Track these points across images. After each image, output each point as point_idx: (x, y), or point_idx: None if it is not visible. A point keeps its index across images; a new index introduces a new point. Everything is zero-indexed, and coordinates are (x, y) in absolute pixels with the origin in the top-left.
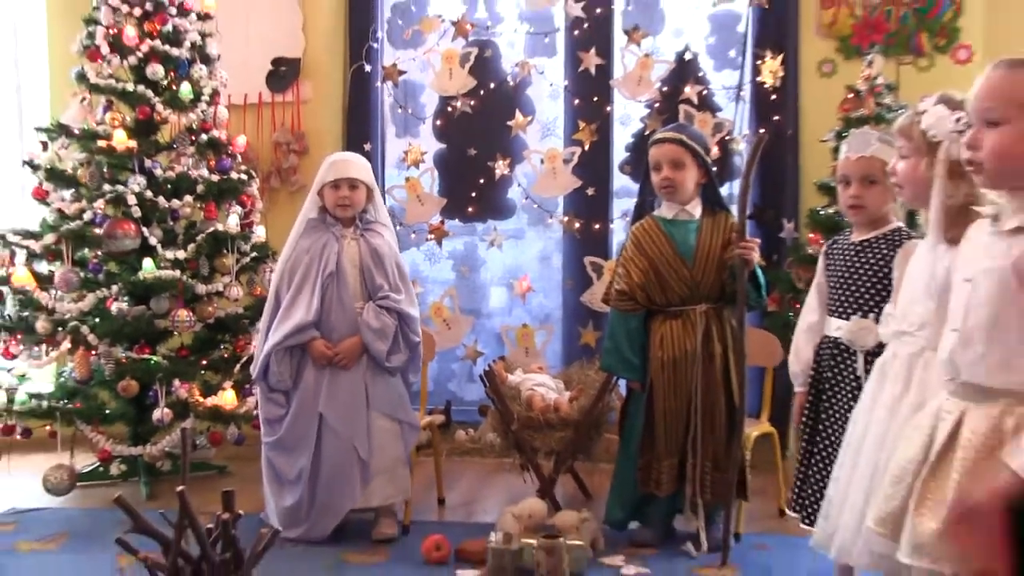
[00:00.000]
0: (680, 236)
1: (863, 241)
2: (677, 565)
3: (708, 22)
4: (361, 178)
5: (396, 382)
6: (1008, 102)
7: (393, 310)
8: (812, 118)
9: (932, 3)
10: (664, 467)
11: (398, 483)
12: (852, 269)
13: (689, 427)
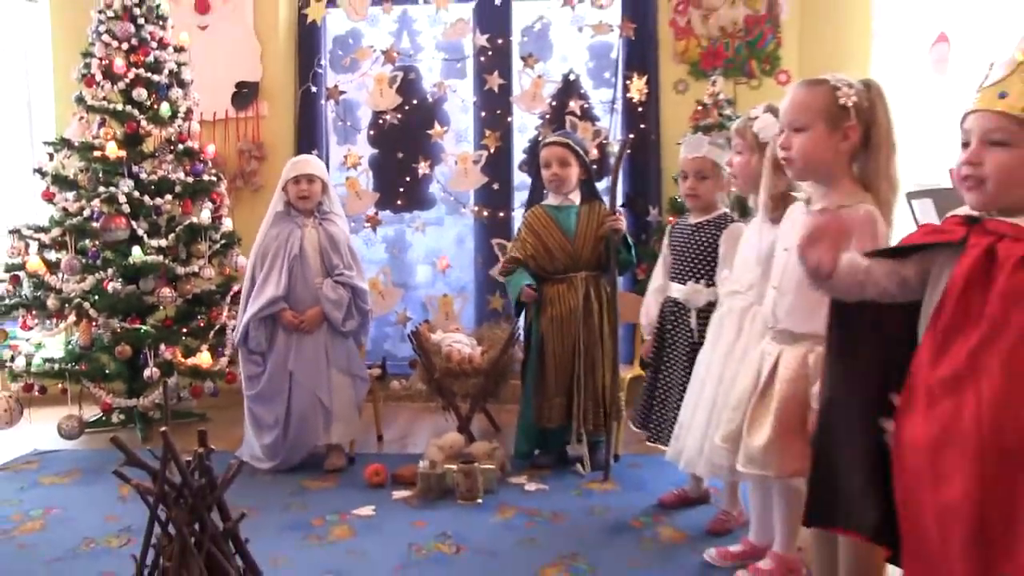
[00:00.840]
0: (564, 219)
1: (697, 223)
2: (569, 482)
3: (587, 50)
4: (317, 174)
5: (350, 343)
6: (807, 112)
7: (347, 284)
8: (670, 126)
9: (759, 37)
10: (555, 404)
11: (352, 425)
12: (688, 245)
13: (574, 371)
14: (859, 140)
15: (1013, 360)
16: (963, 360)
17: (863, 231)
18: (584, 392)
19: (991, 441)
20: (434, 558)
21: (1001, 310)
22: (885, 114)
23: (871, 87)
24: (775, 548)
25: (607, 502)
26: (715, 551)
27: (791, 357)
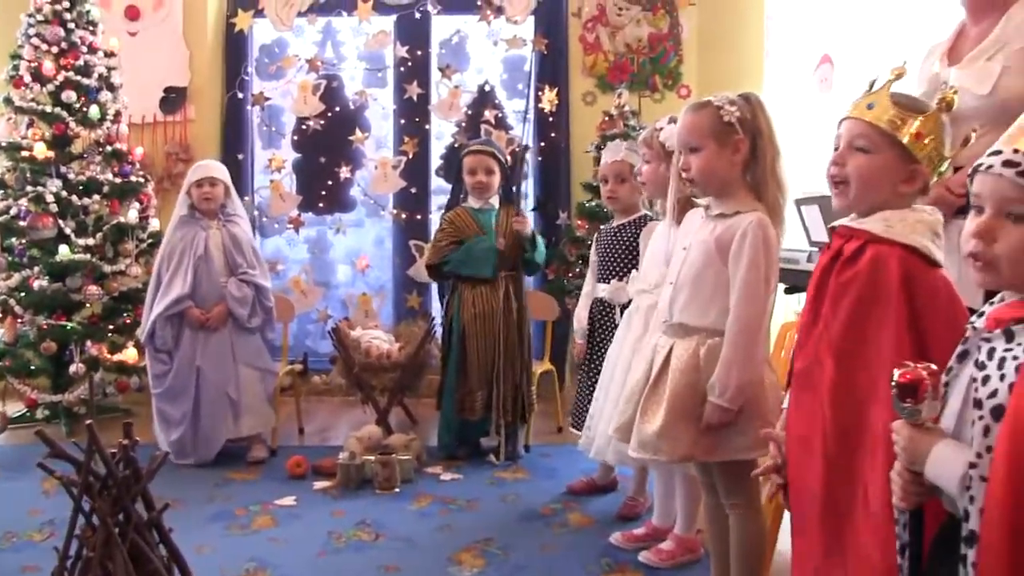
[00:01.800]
0: (484, 221)
1: (619, 225)
2: (483, 471)
3: (502, 63)
4: (219, 177)
5: (256, 339)
6: (698, 133)
7: (251, 282)
8: (579, 135)
9: (662, 54)
10: (476, 397)
11: (262, 417)
12: (612, 246)
13: (495, 366)
14: (748, 150)
15: (841, 349)
16: (811, 354)
17: (755, 235)
18: (504, 385)
19: (832, 427)
20: (353, 545)
21: (831, 305)
22: (766, 122)
23: (750, 99)
24: (676, 530)
25: (519, 490)
26: (620, 534)
27: (683, 349)
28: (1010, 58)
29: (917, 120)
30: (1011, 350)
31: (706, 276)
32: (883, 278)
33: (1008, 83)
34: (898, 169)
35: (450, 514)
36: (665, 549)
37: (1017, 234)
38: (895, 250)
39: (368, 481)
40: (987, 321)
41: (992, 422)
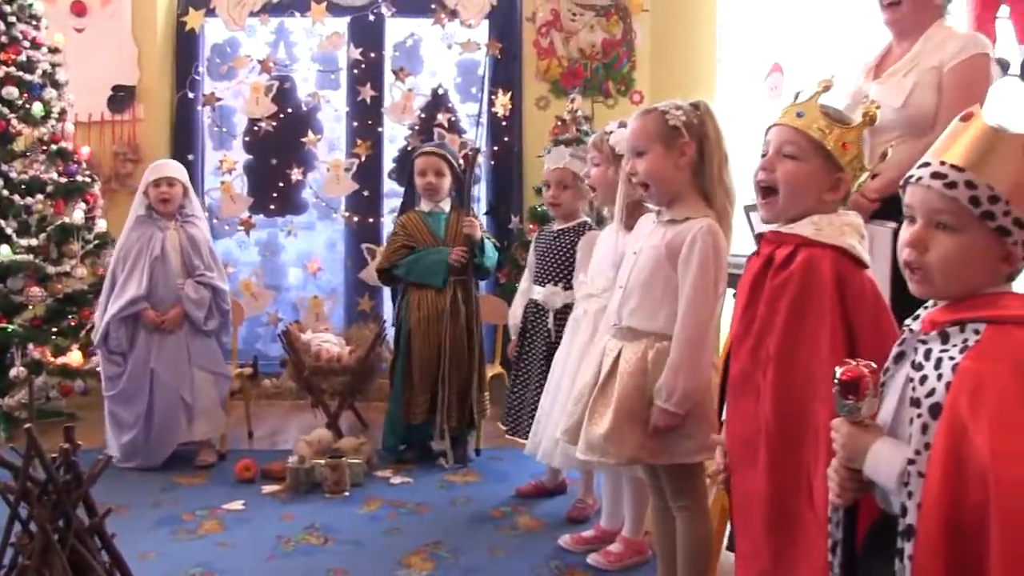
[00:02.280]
0: (435, 225)
1: (559, 230)
2: (433, 475)
3: (456, 66)
4: (178, 177)
5: (211, 342)
6: (644, 137)
7: (208, 285)
8: (532, 139)
9: (615, 59)
10: (420, 401)
11: (215, 421)
12: (551, 250)
13: (440, 370)
14: (695, 155)
15: (779, 351)
16: (747, 359)
17: (704, 241)
18: (448, 390)
19: (774, 428)
20: (302, 549)
21: (767, 308)
22: (714, 128)
23: (699, 106)
24: (624, 532)
25: (469, 493)
26: (569, 537)
27: (631, 353)
28: (922, 75)
29: (842, 130)
30: (947, 351)
31: (656, 281)
32: (817, 279)
33: (918, 98)
34: (824, 177)
35: (400, 517)
36: (613, 551)
37: (946, 243)
38: (827, 252)
39: (318, 485)
40: (923, 324)
41: (930, 420)
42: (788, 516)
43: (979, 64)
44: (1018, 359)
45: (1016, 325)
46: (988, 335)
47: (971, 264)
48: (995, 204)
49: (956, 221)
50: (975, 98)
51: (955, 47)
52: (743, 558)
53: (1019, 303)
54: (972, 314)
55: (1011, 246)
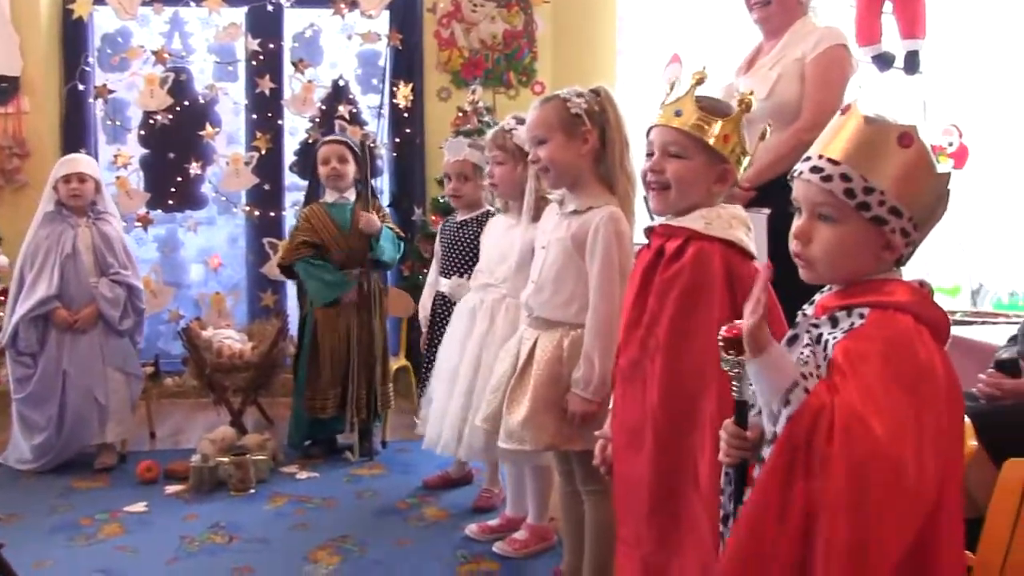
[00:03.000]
0: (339, 216)
1: (463, 220)
2: (339, 469)
3: (356, 57)
4: (89, 172)
5: (125, 342)
6: (545, 125)
7: (123, 283)
8: (434, 131)
9: (517, 50)
10: (329, 395)
11: (126, 424)
12: (455, 241)
13: (349, 363)
14: (597, 142)
15: (669, 341)
16: (637, 349)
17: (607, 230)
18: (358, 383)
19: (661, 415)
20: (207, 549)
21: (657, 300)
22: (615, 114)
23: (600, 93)
24: (529, 520)
25: (375, 486)
26: (475, 526)
27: (547, 342)
28: (786, 67)
29: (720, 122)
30: (834, 334)
31: (567, 274)
32: (707, 272)
33: (783, 88)
34: (710, 170)
35: (306, 513)
36: (519, 539)
37: (827, 234)
38: (716, 245)
39: (222, 483)
40: (816, 308)
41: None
42: (673, 501)
43: (837, 54)
44: (891, 338)
45: (898, 311)
46: (871, 319)
47: (851, 253)
48: (870, 195)
49: (835, 212)
50: (835, 86)
51: (815, 39)
52: (625, 544)
53: (904, 290)
54: (859, 299)
55: (890, 234)
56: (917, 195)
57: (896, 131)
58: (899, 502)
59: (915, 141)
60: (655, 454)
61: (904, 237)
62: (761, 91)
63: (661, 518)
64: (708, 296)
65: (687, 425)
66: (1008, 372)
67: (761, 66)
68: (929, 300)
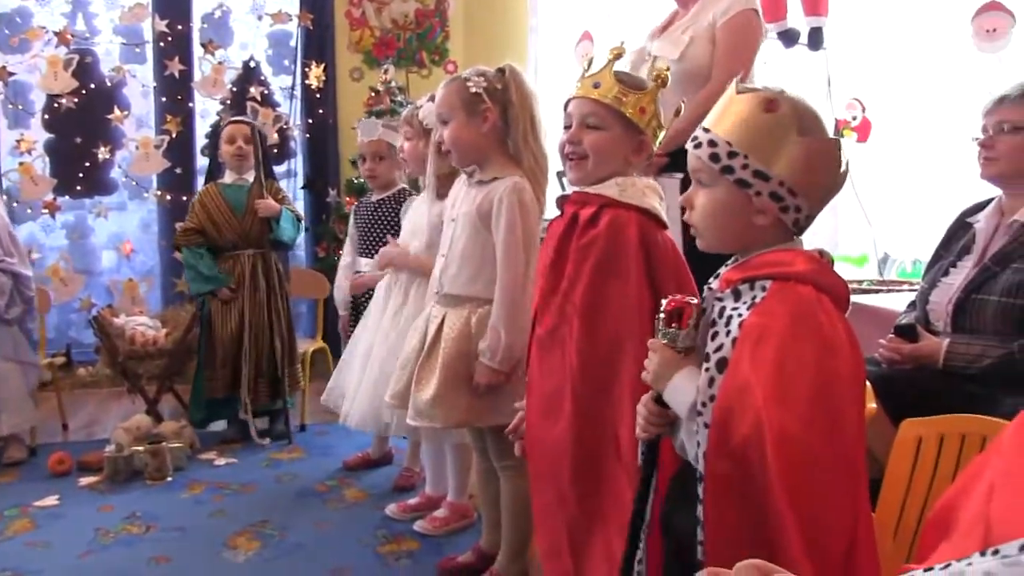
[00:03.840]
0: (234, 197)
1: (379, 200)
2: (258, 454)
3: (267, 38)
4: None
5: (15, 331)
6: (448, 106)
7: (8, 271)
8: (347, 111)
9: (429, 30)
10: (221, 375)
11: (24, 414)
12: (372, 220)
13: (242, 344)
14: (499, 119)
15: (584, 306)
16: (555, 316)
17: (510, 200)
18: (250, 364)
19: (580, 381)
20: (122, 540)
21: (574, 267)
22: (519, 93)
23: (506, 71)
24: (449, 497)
25: (295, 470)
26: (395, 505)
27: (456, 318)
28: (698, 31)
29: (637, 95)
30: (737, 308)
31: (474, 246)
32: (623, 239)
33: (693, 51)
34: (627, 141)
35: (224, 499)
36: (439, 516)
37: (702, 199)
38: (631, 213)
39: (138, 473)
40: (720, 282)
41: (716, 374)
42: (594, 465)
43: (747, 18)
44: (794, 312)
45: (798, 282)
46: (773, 291)
47: (721, 217)
48: (733, 159)
49: (706, 177)
50: (745, 49)
51: (726, 4)
52: (547, 508)
53: (804, 260)
54: (759, 272)
55: (755, 198)
56: (786, 158)
57: (763, 97)
58: (827, 481)
59: (780, 106)
60: (575, 421)
61: (777, 202)
62: (672, 54)
63: (583, 485)
64: (624, 263)
65: (606, 389)
66: (907, 337)
67: (673, 30)
68: (828, 269)
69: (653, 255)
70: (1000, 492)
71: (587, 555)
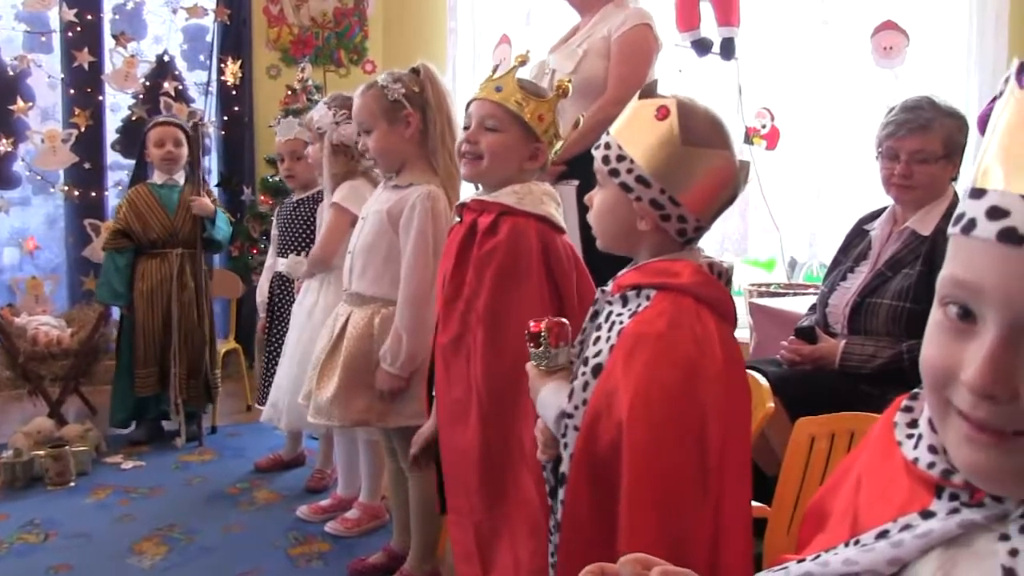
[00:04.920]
0: (166, 197)
1: (298, 200)
2: (167, 456)
3: (182, 32)
4: None
5: None
6: (368, 114)
7: None
8: (263, 109)
9: (348, 28)
10: (148, 373)
11: None
12: (291, 221)
13: (169, 343)
14: (421, 123)
15: (488, 315)
16: (458, 324)
17: (423, 206)
18: (179, 364)
19: (485, 389)
20: (17, 550)
21: (475, 275)
22: (436, 93)
23: (420, 72)
24: (361, 498)
25: (205, 472)
26: (307, 507)
27: (359, 317)
28: (593, 44)
29: (538, 102)
30: (621, 315)
31: (379, 246)
32: (523, 247)
33: (589, 64)
34: (523, 147)
35: (131, 503)
36: (351, 518)
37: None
38: (530, 221)
39: (39, 478)
40: (613, 285)
41: (591, 378)
42: (501, 471)
43: (642, 32)
44: (670, 323)
45: (681, 293)
46: (655, 301)
47: (607, 218)
48: (621, 163)
49: (600, 179)
50: (639, 63)
51: (622, 18)
52: (458, 513)
53: (690, 271)
54: (646, 280)
55: (635, 202)
56: (668, 166)
57: (657, 104)
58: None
59: (669, 115)
60: (481, 428)
61: (657, 209)
62: (568, 67)
63: (490, 488)
64: (526, 270)
65: (511, 397)
66: (807, 339)
67: (571, 43)
68: (713, 282)
69: (553, 261)
70: (865, 484)
71: (495, 560)
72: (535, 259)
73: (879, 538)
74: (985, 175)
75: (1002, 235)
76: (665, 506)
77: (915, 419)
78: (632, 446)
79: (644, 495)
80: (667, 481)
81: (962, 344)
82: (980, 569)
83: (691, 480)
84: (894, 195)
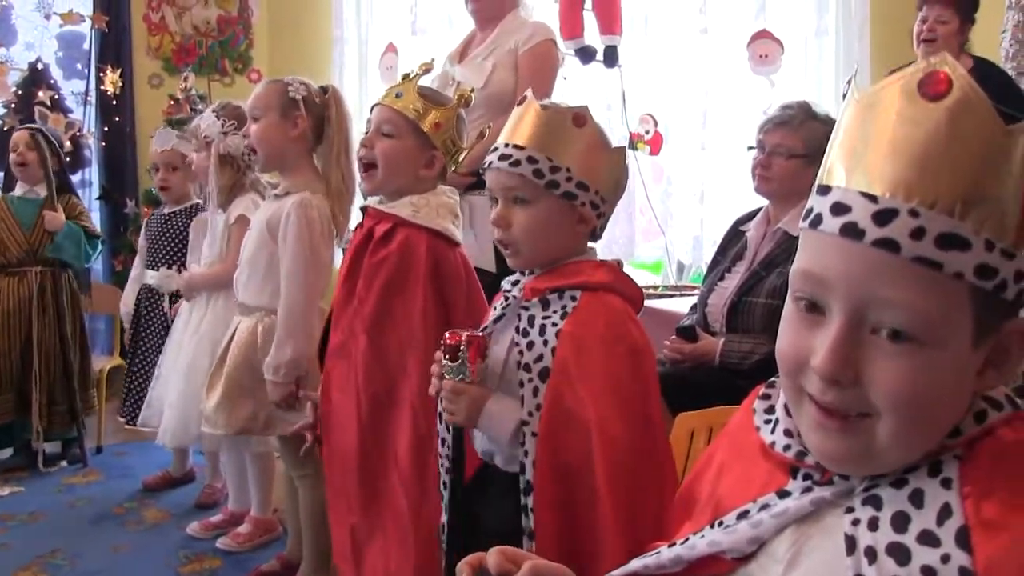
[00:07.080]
0: (23, 211)
1: (170, 213)
2: (49, 480)
3: (56, 39)
4: None
5: None
6: (262, 104)
7: None
8: (145, 119)
9: (232, 37)
10: (4, 400)
11: None
12: (162, 233)
13: (28, 366)
14: (309, 130)
15: (373, 324)
16: (346, 327)
17: (298, 215)
18: (41, 389)
19: (365, 395)
20: None
21: (365, 283)
22: (338, 114)
23: (328, 91)
24: (252, 512)
25: (90, 493)
26: (197, 524)
27: (244, 327)
28: (500, 57)
29: (437, 111)
30: (549, 317)
31: (261, 256)
32: (412, 259)
33: (498, 78)
34: (419, 154)
35: (9, 531)
36: (243, 532)
37: (523, 216)
38: (423, 234)
39: None
40: (524, 291)
41: (540, 383)
42: (376, 475)
43: (548, 48)
44: (608, 321)
45: (606, 291)
46: (585, 301)
47: (549, 231)
48: (556, 173)
49: (528, 194)
50: (546, 77)
51: (527, 33)
52: (335, 513)
53: (604, 271)
54: (567, 281)
55: (580, 208)
56: (598, 168)
57: (570, 113)
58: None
59: (588, 120)
60: (360, 433)
61: (594, 209)
62: (478, 81)
63: (366, 491)
64: (413, 283)
65: (388, 404)
66: (687, 338)
67: (476, 56)
68: (626, 277)
69: (443, 273)
70: (727, 469)
71: (365, 563)
72: (422, 271)
73: (740, 518)
74: (830, 173)
75: (844, 230)
76: (637, 489)
77: (772, 406)
78: (610, 443)
79: (623, 482)
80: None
81: (812, 334)
82: (829, 542)
83: (653, 462)
84: (755, 186)
